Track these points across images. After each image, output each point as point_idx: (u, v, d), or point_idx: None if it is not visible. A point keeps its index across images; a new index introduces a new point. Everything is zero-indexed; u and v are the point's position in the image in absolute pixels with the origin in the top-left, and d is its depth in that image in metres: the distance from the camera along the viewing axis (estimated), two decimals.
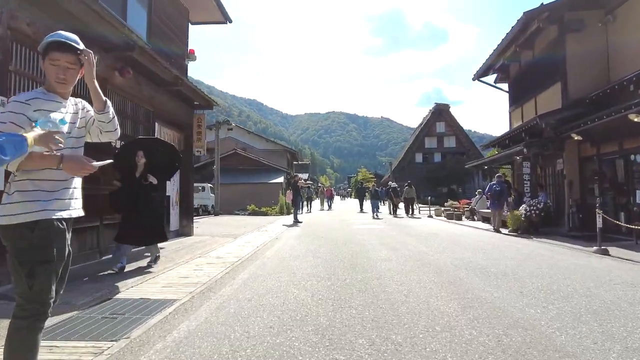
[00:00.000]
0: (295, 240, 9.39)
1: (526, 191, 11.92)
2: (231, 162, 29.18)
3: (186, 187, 10.43)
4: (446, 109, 54.09)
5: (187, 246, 8.52)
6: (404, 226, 13.51)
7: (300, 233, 11.21)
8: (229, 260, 6.70)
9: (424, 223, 15.42)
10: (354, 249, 7.70)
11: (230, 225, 14.35)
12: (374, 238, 9.66)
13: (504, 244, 8.64)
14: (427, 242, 8.92)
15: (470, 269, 5.63)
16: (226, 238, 10.15)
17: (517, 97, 16.02)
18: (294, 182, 15.60)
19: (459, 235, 10.47)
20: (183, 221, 10.31)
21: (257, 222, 16.36)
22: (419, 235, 10.45)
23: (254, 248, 8.19)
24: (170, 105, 9.35)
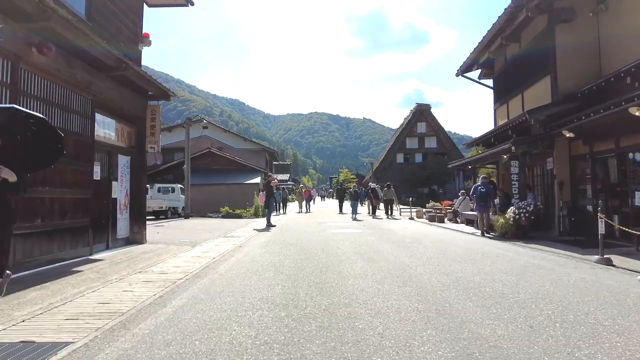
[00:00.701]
0: (260, 249, 8.27)
1: (514, 192, 11.08)
2: (205, 161, 27.81)
3: (137, 188, 9.19)
4: (427, 109, 53.80)
5: (132, 257, 7.30)
6: (384, 230, 12.54)
7: (269, 239, 10.09)
8: (171, 278, 5.54)
9: (405, 226, 14.50)
10: (325, 261, 6.63)
11: (196, 230, 13.10)
12: (350, 245, 8.62)
13: (494, 252, 7.72)
14: (409, 250, 7.93)
15: (461, 288, 4.63)
16: (183, 246, 8.95)
17: (502, 93, 15.27)
18: (267, 183, 14.45)
19: (443, 242, 9.53)
20: (134, 227, 9.06)
21: (228, 225, 15.15)
22: (400, 241, 9.47)
23: (209, 260, 7.04)
24: (116, 93, 8.11)
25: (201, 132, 35.40)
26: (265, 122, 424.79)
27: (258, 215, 19.81)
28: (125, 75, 7.77)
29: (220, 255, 7.52)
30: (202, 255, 7.61)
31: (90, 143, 7.15)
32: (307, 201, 25.48)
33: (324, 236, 10.66)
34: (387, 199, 19.49)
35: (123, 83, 8.23)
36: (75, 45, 6.02)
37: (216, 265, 6.53)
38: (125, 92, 8.52)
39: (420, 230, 12.70)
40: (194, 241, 9.93)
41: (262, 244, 9.07)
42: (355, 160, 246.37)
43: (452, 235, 11.20)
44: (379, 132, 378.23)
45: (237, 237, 10.96)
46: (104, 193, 7.97)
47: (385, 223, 15.85)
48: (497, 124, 15.66)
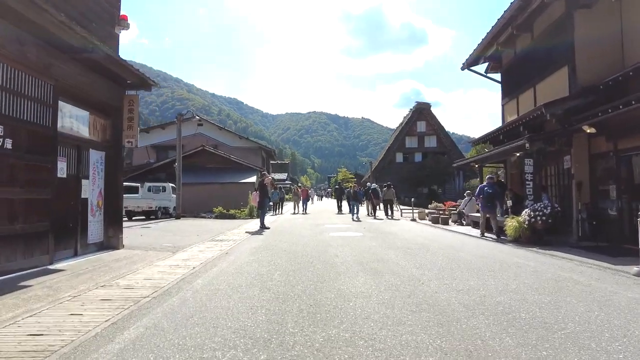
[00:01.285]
0: (249, 257, 7.33)
1: (528, 193, 10.17)
2: (198, 159, 26.85)
3: (113, 188, 8.24)
4: (427, 108, 52.98)
5: (100, 267, 6.35)
6: (386, 233, 11.61)
7: (260, 244, 9.15)
8: (136, 295, 4.60)
9: (408, 229, 13.58)
10: (321, 273, 5.70)
11: (183, 233, 12.16)
12: (350, 253, 7.69)
13: (512, 261, 6.80)
14: (417, 258, 7.00)
15: (490, 313, 3.71)
16: (163, 252, 8.01)
17: (511, 88, 14.36)
18: (261, 181, 13.51)
19: (453, 248, 8.61)
20: (109, 230, 8.11)
21: (219, 227, 14.22)
22: (405, 247, 8.55)
23: (187, 270, 6.10)
24: (86, 80, 7.16)
25: (196, 129, 34.19)
26: (263, 121, 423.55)
27: (253, 216, 18.87)
28: (95, 60, 6.83)
29: (201, 265, 6.58)
30: (181, 264, 6.68)
31: (52, 135, 6.21)
32: (304, 202, 24.10)
33: (321, 241, 9.73)
34: (387, 199, 18.62)
35: (95, 69, 7.29)
36: (25, 17, 5.07)
37: (194, 277, 5.60)
38: (98, 80, 7.58)
39: (425, 234, 11.78)
40: (177, 246, 8.99)
41: (251, 250, 8.13)
42: (353, 159, 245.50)
43: (460, 240, 10.28)
44: (377, 131, 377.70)
45: (226, 241, 10.03)
46: (71, 193, 7.02)
47: (386, 225, 14.93)
48: (506, 120, 14.75)
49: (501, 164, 15.45)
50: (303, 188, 25.59)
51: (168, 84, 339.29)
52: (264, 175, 13.74)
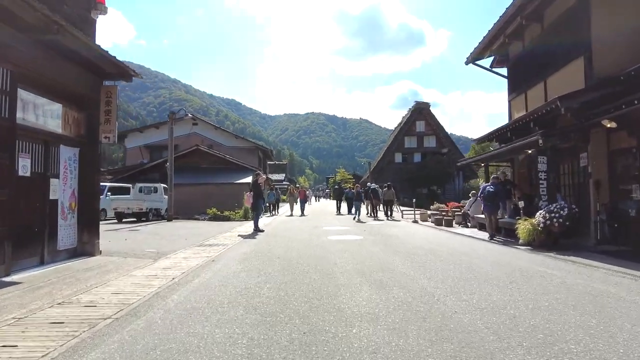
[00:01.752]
0: (237, 265, 6.55)
1: (542, 193, 9.43)
2: (192, 159, 26.00)
3: (89, 188, 7.45)
4: (426, 107, 52.32)
5: (67, 277, 5.57)
6: (389, 236, 10.85)
7: (252, 250, 8.37)
8: (95, 316, 3.82)
9: (411, 231, 12.82)
10: (319, 286, 4.93)
11: (171, 237, 11.37)
12: (350, 260, 6.92)
13: (534, 270, 6.05)
14: (426, 267, 6.24)
15: (529, 343, 2.95)
16: (144, 259, 7.23)
17: (519, 83, 13.64)
18: (254, 181, 12.73)
19: (463, 253, 7.85)
20: (83, 235, 7.31)
21: (211, 230, 13.43)
22: (411, 253, 7.78)
23: (165, 282, 5.33)
24: (55, 67, 6.39)
25: (190, 129, 33.54)
26: (261, 122, 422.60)
27: (247, 218, 18.08)
28: (65, 45, 6.05)
29: (182, 275, 5.80)
30: (160, 274, 5.90)
31: (9, 127, 5.42)
32: (301, 203, 22.96)
33: (318, 245, 8.96)
34: (387, 200, 17.89)
35: (67, 55, 6.51)
36: None
37: (171, 291, 4.82)
38: (70, 68, 6.80)
39: (430, 237, 11.02)
40: (161, 252, 8.21)
41: (241, 257, 7.34)
42: (351, 160, 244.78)
43: (469, 244, 9.53)
44: (375, 132, 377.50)
45: (215, 246, 9.25)
46: (36, 193, 6.24)
47: (387, 227, 14.17)
48: (513, 117, 14.03)
49: (508, 163, 14.72)
50: (301, 188, 24.25)
51: (166, 85, 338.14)
52: (258, 175, 12.96)
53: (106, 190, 20.08)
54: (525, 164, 13.26)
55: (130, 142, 33.73)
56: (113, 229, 14.28)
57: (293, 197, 22.46)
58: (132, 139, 33.73)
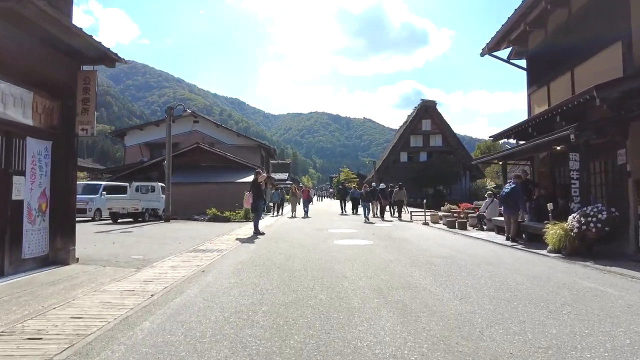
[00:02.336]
0: (230, 278, 5.61)
1: (574, 194, 8.44)
2: (193, 158, 25.12)
3: (64, 187, 6.53)
4: (432, 106, 51.17)
5: (23, 294, 4.64)
6: (401, 241, 9.88)
7: (249, 257, 7.43)
8: (33, 355, 2.90)
9: (425, 235, 11.84)
10: (326, 311, 3.98)
11: (164, 240, 10.46)
12: (362, 271, 5.97)
13: (581, 286, 5.08)
14: (452, 281, 5.28)
15: None
16: (125, 269, 6.31)
17: (540, 75, 12.62)
18: (254, 180, 11.80)
19: (488, 262, 6.88)
20: (56, 241, 6.40)
21: (208, 232, 12.52)
22: (430, 262, 6.82)
23: (142, 300, 4.40)
24: (17, 47, 5.47)
25: (191, 126, 32.60)
26: (265, 121, 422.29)
27: (248, 219, 17.12)
28: (27, 17, 5.13)
29: (164, 290, 4.88)
30: (139, 289, 4.97)
31: None
32: (305, 203, 21.75)
33: (324, 252, 8.00)
34: (398, 200, 16.94)
35: (33, 32, 5.60)
36: None
37: (145, 314, 3.90)
38: (39, 48, 5.89)
39: (446, 242, 10.05)
40: (147, 259, 7.30)
41: (236, 267, 6.41)
42: (355, 160, 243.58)
43: (492, 251, 8.54)
44: (379, 132, 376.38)
45: (210, 251, 8.32)
46: None
47: (397, 230, 13.19)
48: (533, 111, 13.03)
49: (527, 161, 13.71)
50: (304, 188, 23.03)
51: (170, 84, 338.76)
52: (258, 173, 12.01)
53: (101, 190, 19.26)
54: (548, 162, 12.26)
55: (130, 140, 32.92)
56: (105, 230, 13.41)
57: (296, 197, 21.25)
58: (132, 137, 32.92)
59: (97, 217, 18.56)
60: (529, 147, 10.72)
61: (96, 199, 18.52)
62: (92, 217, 18.33)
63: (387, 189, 18.67)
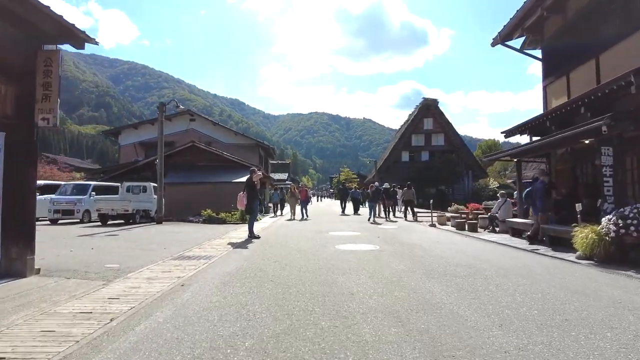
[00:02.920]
0: (212, 295, 4.66)
1: (607, 193, 7.50)
2: (188, 157, 24.21)
3: (19, 187, 5.58)
4: (434, 104, 50.14)
5: None
6: (411, 246, 8.93)
7: (239, 267, 6.49)
8: None
9: (434, 238, 10.88)
10: (330, 345, 3.02)
11: (150, 244, 9.52)
12: (372, 286, 5.01)
13: (636, 302, 4.14)
14: (483, 300, 4.33)
15: None
16: (91, 283, 5.37)
17: (558, 64, 11.69)
18: (249, 179, 10.86)
19: (518, 274, 5.94)
20: (10, 250, 5.45)
21: (200, 235, 11.58)
22: (450, 273, 5.88)
23: (95, 329, 3.45)
24: None
25: (187, 125, 31.75)
26: (265, 122, 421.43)
27: (245, 220, 16.13)
28: None
29: (130, 312, 3.93)
30: (98, 310, 4.03)
31: None
32: (303, 204, 20.08)
33: (325, 260, 7.06)
34: (407, 200, 16.01)
35: None
36: None
37: (91, 351, 2.95)
38: None
39: (461, 247, 9.10)
40: (123, 268, 6.36)
41: (222, 279, 5.46)
42: (355, 160, 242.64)
43: (516, 258, 7.59)
44: (379, 132, 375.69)
45: (196, 258, 7.38)
46: None
47: (404, 232, 12.24)
48: (550, 105, 12.11)
49: (543, 158, 12.79)
50: (302, 187, 21.69)
51: (170, 84, 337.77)
52: (253, 172, 11.06)
53: (90, 190, 18.30)
54: (568, 159, 11.34)
55: (125, 139, 31.97)
56: (89, 233, 12.47)
57: (295, 197, 19.86)
58: (127, 136, 31.98)
59: (85, 219, 17.61)
60: (550, 142, 9.76)
61: (85, 199, 17.58)
62: (81, 219, 17.39)
63: (390, 189, 17.72)
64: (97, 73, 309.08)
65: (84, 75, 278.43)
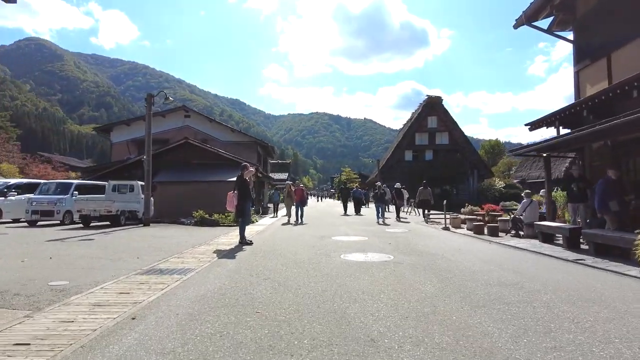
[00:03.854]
0: (166, 340, 3.20)
1: None
2: (181, 154, 22.76)
3: None
4: (439, 102, 48.63)
5: None
6: (431, 256, 7.48)
7: (220, 286, 5.04)
8: None
9: (455, 245, 9.42)
10: None
11: (120, 252, 8.08)
12: (398, 323, 3.56)
13: None
14: (559, 342, 2.91)
15: None
16: (5, 314, 3.94)
17: (594, 45, 10.23)
18: (240, 176, 9.43)
19: (589, 299, 4.49)
20: None
21: (184, 240, 10.17)
22: (497, 298, 4.43)
23: None
24: None
25: (182, 121, 30.40)
26: (266, 122, 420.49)
27: None
28: None
29: None
30: None
31: None
32: (298, 206, 17.04)
33: (329, 277, 5.61)
34: (423, 200, 14.61)
35: None
36: None
37: None
38: None
39: (489, 256, 7.64)
40: (71, 287, 4.96)
41: (191, 308, 4.02)
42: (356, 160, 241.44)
43: (567, 273, 6.12)
44: (380, 132, 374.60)
45: (169, 272, 5.95)
46: None
47: (417, 237, 10.79)
48: (584, 93, 10.65)
49: (574, 153, 11.33)
50: (297, 187, 18.16)
51: (171, 84, 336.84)
52: (245, 168, 9.62)
53: (72, 189, 16.88)
54: (607, 154, 9.88)
55: (117, 136, 30.53)
56: (63, 237, 11.06)
57: (292, 198, 17.36)
58: (119, 133, 30.53)
59: (67, 220, 16.19)
60: (594, 133, 8.29)
61: (66, 199, 16.14)
62: (61, 221, 15.96)
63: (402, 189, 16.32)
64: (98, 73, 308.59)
65: (84, 75, 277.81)
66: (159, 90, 17.50)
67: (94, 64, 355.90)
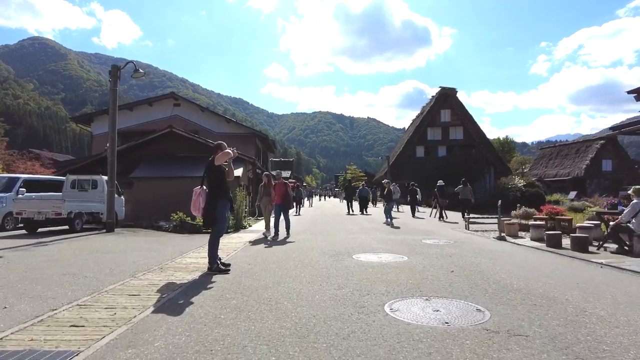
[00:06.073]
0: None
1: None
2: (165, 146, 19.37)
3: None
4: (453, 94, 45.06)
5: None
6: (538, 298, 4.02)
7: None
8: None
9: (543, 270, 5.90)
10: None
11: (29, 285, 4.64)
12: None
13: None
14: None
15: None
16: None
17: None
18: (210, 162, 5.92)
19: None
20: None
21: (143, 258, 6.75)
22: None
23: None
24: None
25: (171, 110, 26.96)
26: (269, 121, 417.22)
27: (228, 229, 10.94)
28: None
29: None
30: None
31: None
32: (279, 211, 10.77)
33: None
34: (463, 199, 11.36)
35: None
36: None
37: None
38: None
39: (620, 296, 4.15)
40: None
41: None
42: (359, 159, 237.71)
43: None
44: (383, 131, 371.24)
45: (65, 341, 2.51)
46: None
47: (481, 257, 7.30)
48: None
49: None
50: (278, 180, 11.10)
51: (173, 83, 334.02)
52: (218, 148, 6.15)
53: (18, 185, 13.49)
54: None
55: (98, 127, 27.09)
56: None
57: (269, 197, 11.01)
58: (100, 124, 27.06)
59: (8, 225, 12.81)
60: None
61: (7, 198, 12.75)
62: (0, 225, 12.58)
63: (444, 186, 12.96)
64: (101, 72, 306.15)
65: (87, 74, 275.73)
66: (128, 62, 14.06)
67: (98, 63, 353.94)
